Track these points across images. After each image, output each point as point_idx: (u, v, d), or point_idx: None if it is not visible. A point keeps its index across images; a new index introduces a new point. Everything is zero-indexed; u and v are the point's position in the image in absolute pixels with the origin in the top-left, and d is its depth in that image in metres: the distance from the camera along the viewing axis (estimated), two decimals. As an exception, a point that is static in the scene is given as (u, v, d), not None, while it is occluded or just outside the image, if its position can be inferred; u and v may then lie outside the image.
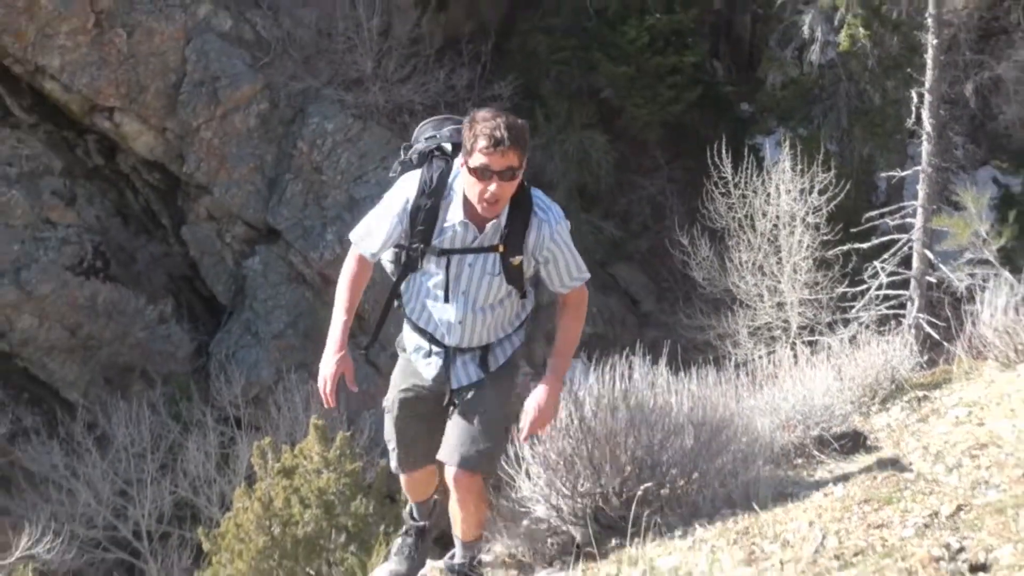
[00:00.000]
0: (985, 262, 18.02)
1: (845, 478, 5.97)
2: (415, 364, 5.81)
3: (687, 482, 6.24)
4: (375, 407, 21.95)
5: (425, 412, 5.80)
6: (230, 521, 11.63)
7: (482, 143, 5.12)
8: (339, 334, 5.57)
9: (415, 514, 6.39)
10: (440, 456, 5.79)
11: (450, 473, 5.77)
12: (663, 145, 27.53)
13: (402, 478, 6.21)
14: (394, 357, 6.03)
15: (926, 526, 5.28)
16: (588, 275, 5.74)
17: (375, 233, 5.56)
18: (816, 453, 6.45)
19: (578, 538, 6.21)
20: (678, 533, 5.94)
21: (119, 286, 22.69)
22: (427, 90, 24.90)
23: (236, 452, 19.77)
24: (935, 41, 21.65)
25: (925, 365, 9.28)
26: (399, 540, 6.41)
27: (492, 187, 5.20)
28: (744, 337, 19.16)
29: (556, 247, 5.49)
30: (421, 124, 5.98)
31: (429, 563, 6.50)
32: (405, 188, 5.54)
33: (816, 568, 5.06)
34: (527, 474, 6.79)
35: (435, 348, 5.73)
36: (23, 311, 21.87)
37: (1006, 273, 12.98)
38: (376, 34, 24.38)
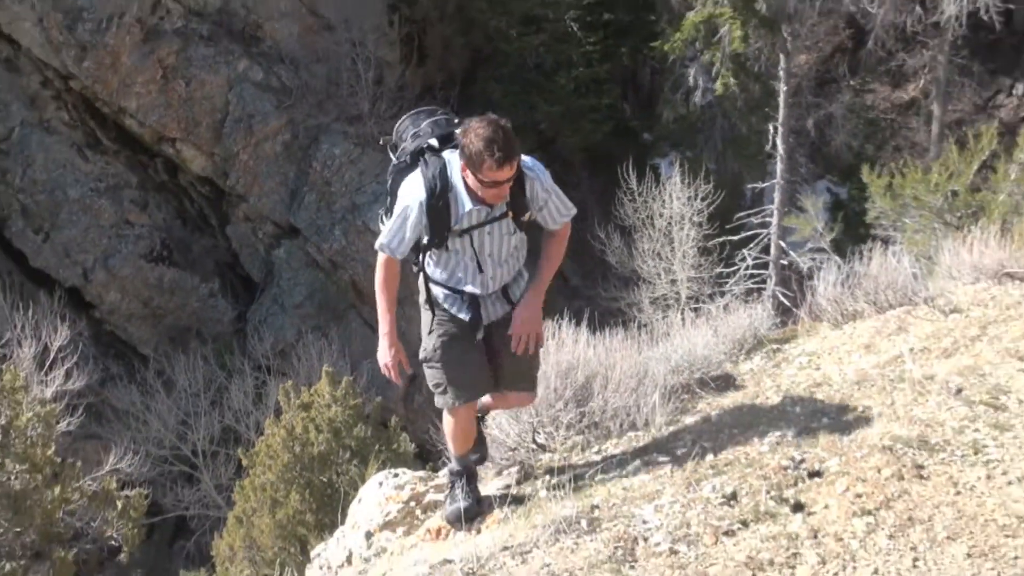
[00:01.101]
0: (821, 250, 18.69)
1: (719, 409, 5.98)
2: (450, 310, 5.26)
3: (602, 412, 6.11)
4: (371, 357, 22.17)
5: (461, 349, 5.25)
6: (263, 443, 11.61)
7: (488, 162, 4.68)
8: (388, 328, 5.19)
9: (462, 462, 5.66)
10: (507, 387, 5.48)
11: (516, 395, 5.58)
12: (586, 165, 27.75)
13: (454, 425, 5.44)
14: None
15: (777, 443, 5.34)
16: (575, 210, 5.36)
17: (398, 238, 5.05)
18: (698, 391, 6.40)
19: (521, 454, 6.07)
20: (594, 450, 5.92)
21: (179, 270, 22.81)
22: None
23: (267, 392, 19.80)
24: (785, 88, 22.15)
25: (779, 325, 9.32)
26: (454, 486, 5.64)
27: (499, 190, 4.83)
28: (646, 305, 19.57)
29: (547, 194, 5.13)
30: (399, 123, 5.45)
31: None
32: (414, 193, 4.98)
33: (696, 475, 5.14)
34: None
35: (466, 297, 5.23)
36: (111, 288, 22.15)
37: (836, 258, 13.03)
38: (371, 83, 24.24)
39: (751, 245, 22.17)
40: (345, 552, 6.03)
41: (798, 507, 4.80)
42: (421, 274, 5.30)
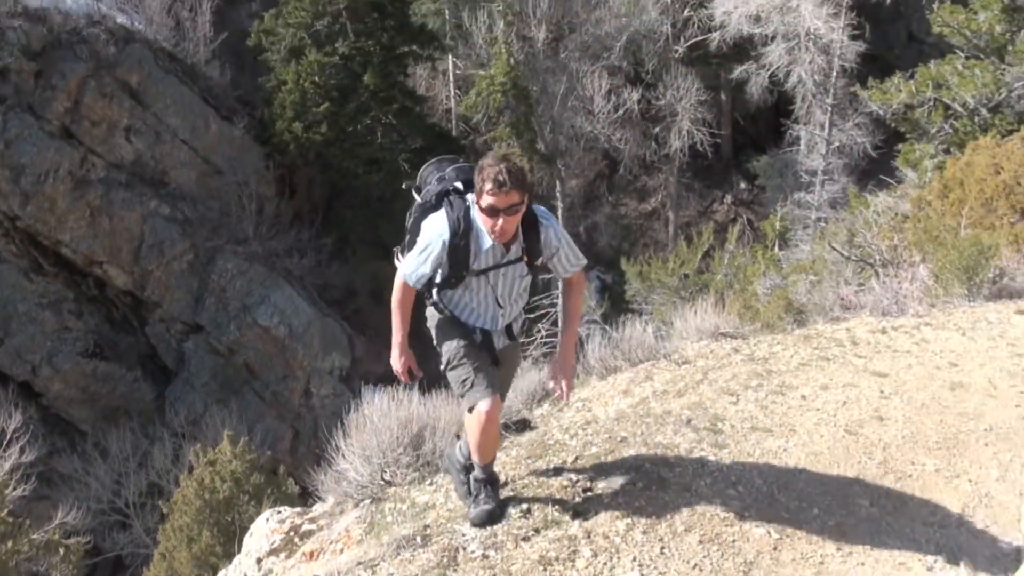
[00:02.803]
0: (594, 321, 17.42)
1: (519, 445, 5.76)
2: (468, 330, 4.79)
3: (432, 453, 5.87)
4: (263, 421, 23.44)
5: (480, 352, 4.73)
6: (179, 493, 11.60)
7: (488, 186, 4.31)
8: (400, 339, 4.76)
9: (487, 470, 4.96)
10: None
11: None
12: None
13: (481, 430, 4.64)
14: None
15: (560, 468, 5.33)
16: (585, 261, 4.88)
17: (420, 270, 4.57)
18: (503, 432, 5.91)
19: (372, 489, 5.76)
20: (427, 483, 5.63)
21: (109, 363, 22.87)
22: (286, 241, 25.15)
23: (183, 453, 19.01)
24: (561, 204, 21.30)
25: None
26: (478, 492, 4.95)
27: (500, 222, 4.37)
28: None
29: (559, 243, 4.65)
30: (424, 167, 4.98)
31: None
32: (438, 230, 4.52)
33: (500, 499, 5.01)
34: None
35: (478, 331, 4.77)
36: (55, 380, 22.14)
37: (604, 326, 13.58)
38: (254, 213, 24.65)
39: (543, 320, 21.93)
40: (240, 574, 5.81)
41: (576, 515, 4.87)
42: (433, 307, 4.86)
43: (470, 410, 4.64)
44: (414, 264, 4.60)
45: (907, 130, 22.23)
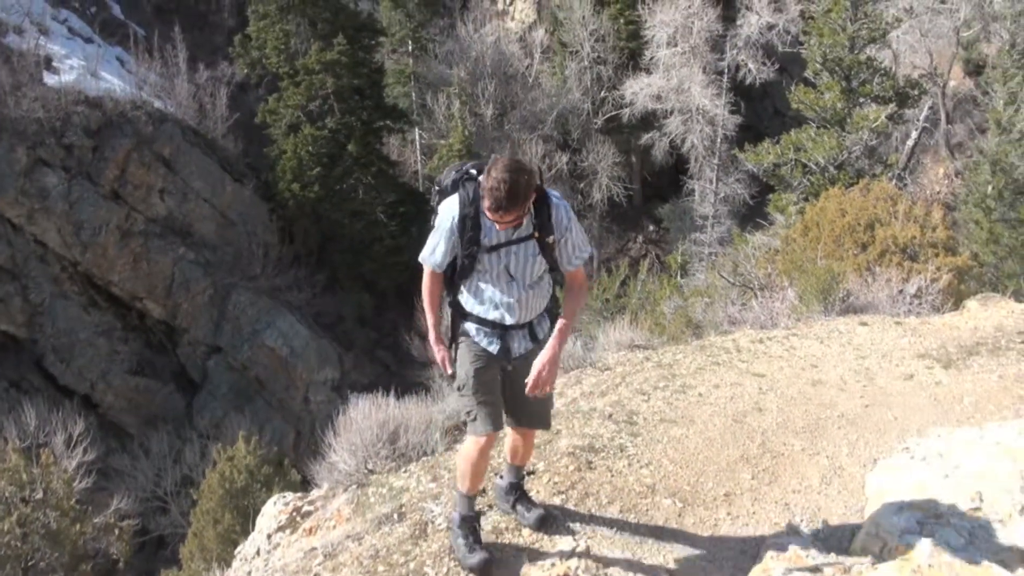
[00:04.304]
0: None
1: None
2: (480, 344, 3.89)
3: (406, 447, 5.73)
4: (273, 423, 23.56)
5: (491, 378, 3.90)
6: (206, 483, 11.44)
7: (486, 203, 3.56)
8: (433, 333, 3.97)
9: (470, 507, 4.21)
10: (526, 423, 4.15)
11: (531, 432, 4.28)
12: (396, 296, 26.01)
13: (471, 460, 4.01)
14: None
15: None
16: (591, 251, 4.07)
17: (437, 250, 3.83)
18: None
19: (358, 477, 5.60)
20: (403, 471, 5.44)
21: (149, 379, 22.60)
22: (287, 278, 24.80)
23: (208, 451, 17.55)
24: None
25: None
26: (464, 537, 4.17)
27: (500, 223, 3.63)
28: (437, 379, 17.08)
29: (568, 223, 3.78)
30: (445, 170, 4.02)
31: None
32: (450, 208, 3.80)
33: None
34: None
35: (496, 330, 3.87)
36: (108, 394, 21.76)
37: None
38: (261, 256, 24.44)
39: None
40: (255, 547, 5.75)
41: (521, 495, 4.63)
42: (452, 312, 4.01)
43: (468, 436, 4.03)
44: (430, 245, 3.87)
45: (775, 183, 22.68)
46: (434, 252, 3.85)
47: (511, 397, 3.98)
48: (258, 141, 27.92)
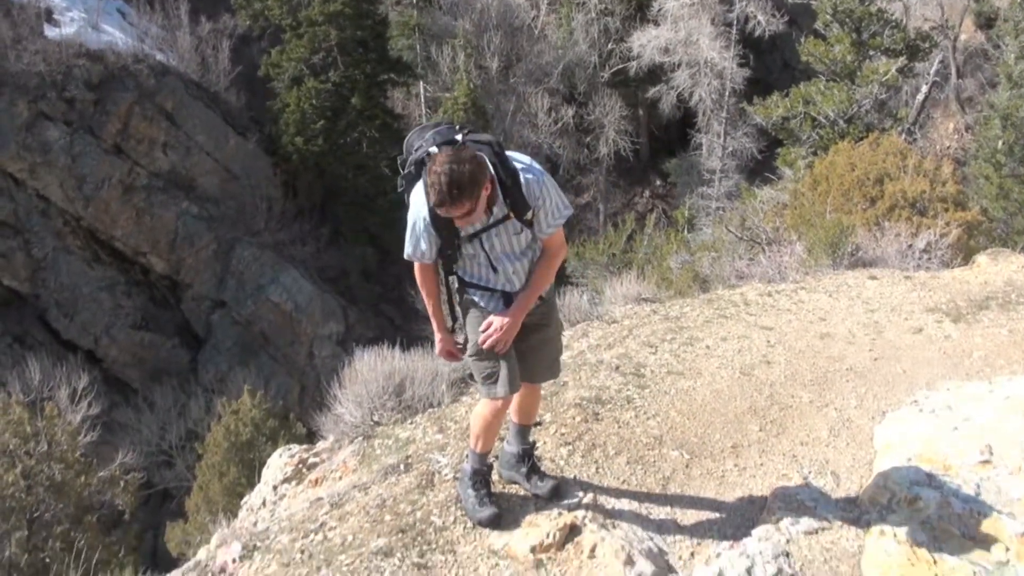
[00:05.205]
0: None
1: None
2: (488, 309, 3.73)
3: (412, 399, 5.69)
4: (277, 378, 23.67)
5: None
6: (211, 437, 11.48)
7: (432, 200, 3.36)
8: (435, 324, 3.86)
9: (483, 462, 4.13)
10: (538, 378, 4.06)
11: (539, 385, 4.15)
12: (403, 249, 26.20)
13: (486, 420, 3.93)
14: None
15: None
16: (571, 210, 3.74)
17: (420, 248, 3.65)
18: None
19: (364, 428, 5.59)
20: (408, 423, 5.40)
21: (153, 333, 22.58)
22: (291, 232, 24.77)
23: (213, 405, 17.33)
24: None
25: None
26: (477, 492, 4.10)
27: (457, 220, 3.47)
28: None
29: (543, 190, 3.54)
30: (408, 136, 3.77)
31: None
32: (418, 207, 3.58)
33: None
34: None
35: (497, 293, 3.71)
36: (112, 348, 21.72)
37: None
38: (264, 210, 24.17)
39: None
40: (261, 498, 5.74)
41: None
42: (457, 281, 3.84)
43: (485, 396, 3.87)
44: (409, 244, 3.71)
45: (784, 137, 22.55)
46: (417, 250, 3.71)
47: (521, 355, 3.85)
48: (261, 94, 27.55)
